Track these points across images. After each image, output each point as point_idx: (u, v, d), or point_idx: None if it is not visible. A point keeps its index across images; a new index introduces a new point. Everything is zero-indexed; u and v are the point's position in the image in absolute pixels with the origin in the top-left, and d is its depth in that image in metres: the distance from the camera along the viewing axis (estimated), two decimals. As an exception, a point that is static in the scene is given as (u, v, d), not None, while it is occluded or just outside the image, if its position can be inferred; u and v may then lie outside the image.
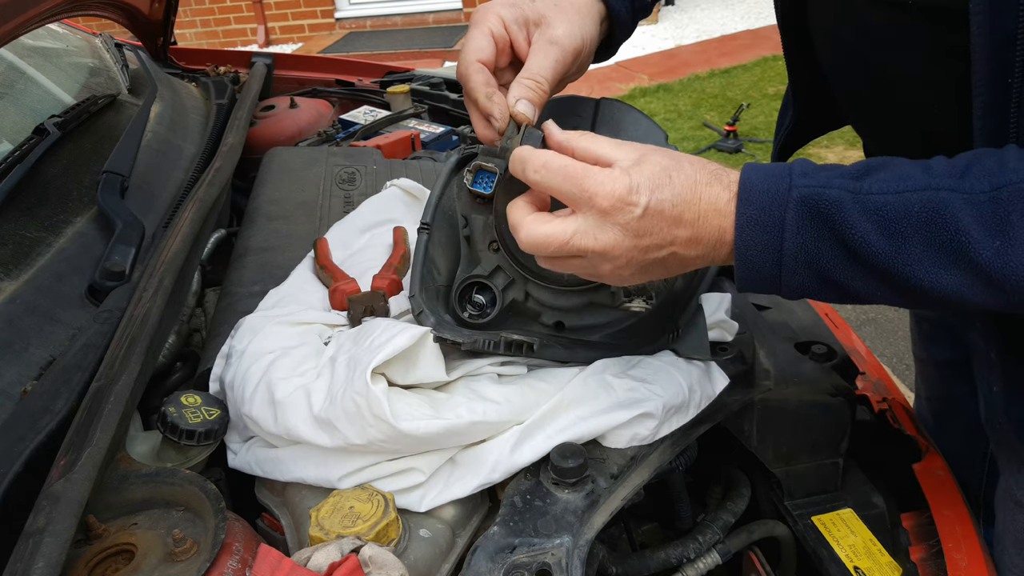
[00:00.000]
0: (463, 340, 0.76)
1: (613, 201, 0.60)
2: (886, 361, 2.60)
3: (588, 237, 0.61)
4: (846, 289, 0.60)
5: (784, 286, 0.61)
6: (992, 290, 0.56)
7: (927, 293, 0.57)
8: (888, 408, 0.96)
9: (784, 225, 0.58)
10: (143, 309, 0.85)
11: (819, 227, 0.58)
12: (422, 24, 6.84)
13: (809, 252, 0.59)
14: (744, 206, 0.59)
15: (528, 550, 0.66)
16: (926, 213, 0.55)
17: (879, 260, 0.57)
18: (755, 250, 0.60)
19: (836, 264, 0.59)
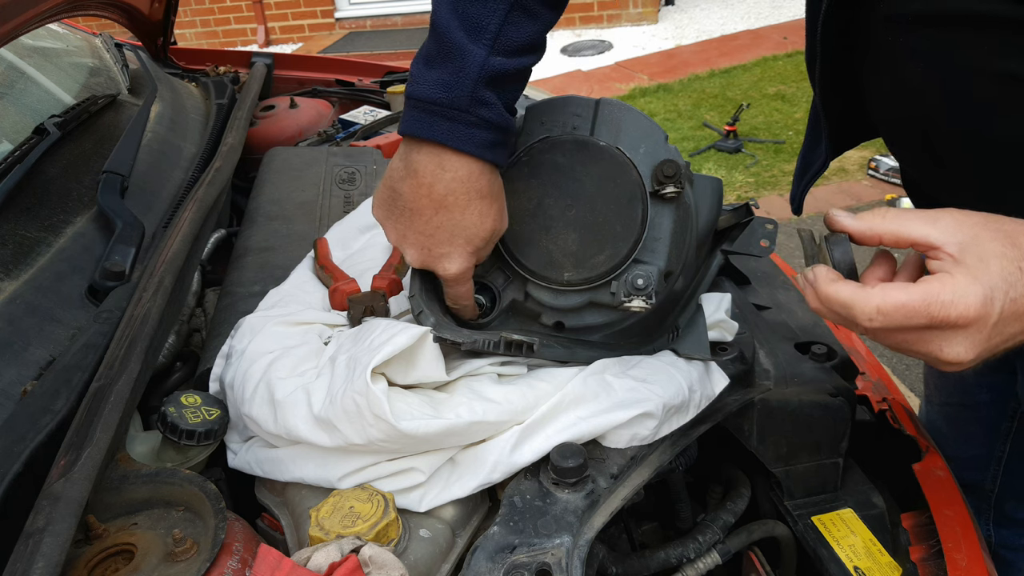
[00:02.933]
0: (463, 340, 0.76)
1: (970, 320, 0.56)
2: (886, 361, 2.60)
3: (935, 348, 0.58)
4: None
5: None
6: None
7: None
8: (888, 408, 0.96)
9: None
10: (143, 309, 0.85)
11: None
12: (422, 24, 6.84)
13: None
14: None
15: (528, 550, 0.66)
16: None
17: None
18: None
19: None
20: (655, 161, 0.78)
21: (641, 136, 0.79)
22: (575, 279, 0.78)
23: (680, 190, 0.77)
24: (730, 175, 3.96)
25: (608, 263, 0.77)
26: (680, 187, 0.77)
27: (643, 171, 0.78)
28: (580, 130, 0.80)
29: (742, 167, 4.01)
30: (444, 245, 0.72)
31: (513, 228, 0.78)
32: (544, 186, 0.79)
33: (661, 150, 0.79)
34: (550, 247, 0.78)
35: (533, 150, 0.80)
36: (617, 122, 0.80)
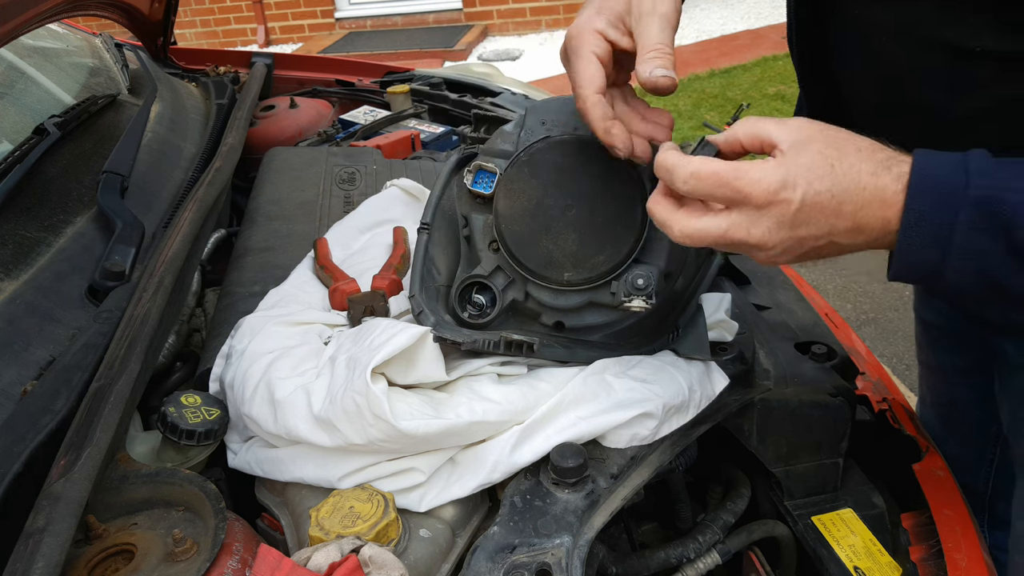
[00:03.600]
0: (463, 340, 0.76)
1: (768, 197, 0.59)
2: (886, 361, 2.60)
3: (742, 231, 0.61)
4: (1008, 294, 0.59)
5: (946, 279, 0.60)
6: None
7: None
8: (888, 408, 0.96)
9: (955, 225, 0.57)
10: (143, 309, 0.85)
11: (993, 232, 0.57)
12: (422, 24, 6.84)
13: (977, 255, 0.58)
14: (914, 201, 0.58)
15: (528, 550, 0.66)
16: None
17: None
18: (920, 245, 0.59)
19: (1004, 270, 0.57)
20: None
21: None
22: (575, 279, 0.78)
23: None
24: (730, 175, 3.95)
25: (608, 263, 0.77)
26: None
27: (643, 171, 0.78)
28: (581, 130, 0.80)
29: (742, 167, 4.01)
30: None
31: (513, 228, 0.78)
32: (544, 186, 0.79)
33: None
34: (550, 247, 0.78)
35: (533, 150, 0.80)
36: None
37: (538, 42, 6.35)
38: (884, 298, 2.87)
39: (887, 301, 2.85)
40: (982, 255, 0.58)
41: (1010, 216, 0.56)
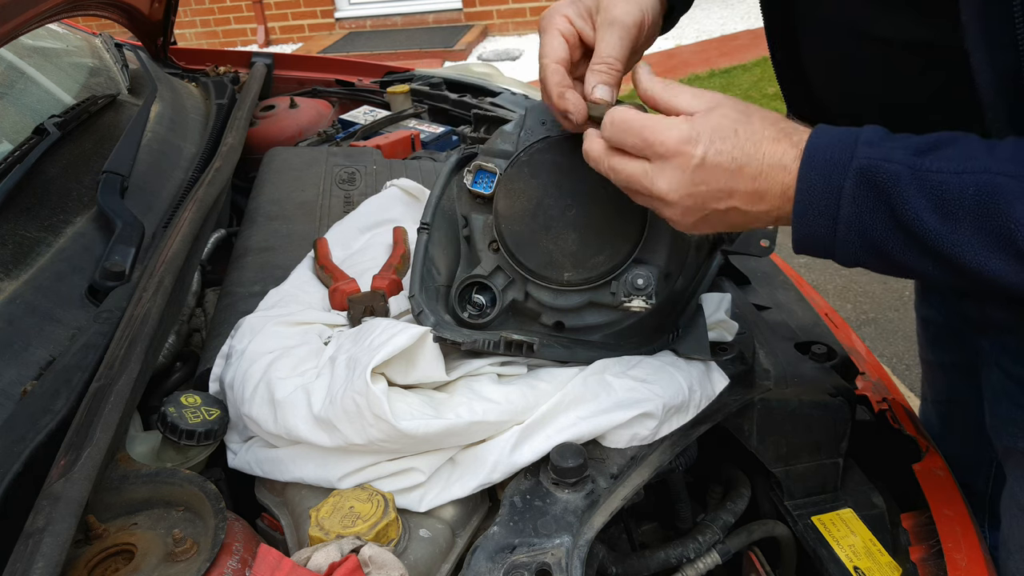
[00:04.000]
0: (463, 340, 0.76)
1: (671, 147, 0.62)
2: (886, 361, 2.60)
3: (647, 179, 0.64)
4: (897, 262, 0.60)
5: (838, 252, 0.62)
6: None
7: (973, 273, 0.57)
8: (888, 408, 0.96)
9: (842, 193, 0.59)
10: (143, 309, 0.85)
11: (875, 200, 0.58)
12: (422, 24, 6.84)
13: (863, 223, 0.59)
14: (806, 168, 0.60)
15: (528, 550, 0.66)
16: (981, 196, 0.55)
17: (930, 239, 0.57)
18: (813, 215, 0.61)
19: (888, 238, 0.59)
20: None
21: None
22: (575, 279, 0.78)
23: None
24: (730, 175, 3.95)
25: (608, 263, 0.77)
26: None
27: None
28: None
29: (742, 167, 4.01)
30: None
31: (513, 228, 0.78)
32: (544, 186, 0.79)
33: None
34: (550, 247, 0.78)
35: (533, 150, 0.80)
36: None
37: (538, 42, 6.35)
38: (884, 298, 2.87)
39: (887, 301, 2.85)
40: (868, 227, 0.59)
41: (890, 185, 0.57)
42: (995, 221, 0.55)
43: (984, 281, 0.58)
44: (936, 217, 0.57)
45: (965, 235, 0.56)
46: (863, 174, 0.59)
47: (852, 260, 0.62)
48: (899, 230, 0.59)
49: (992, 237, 0.56)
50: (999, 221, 0.55)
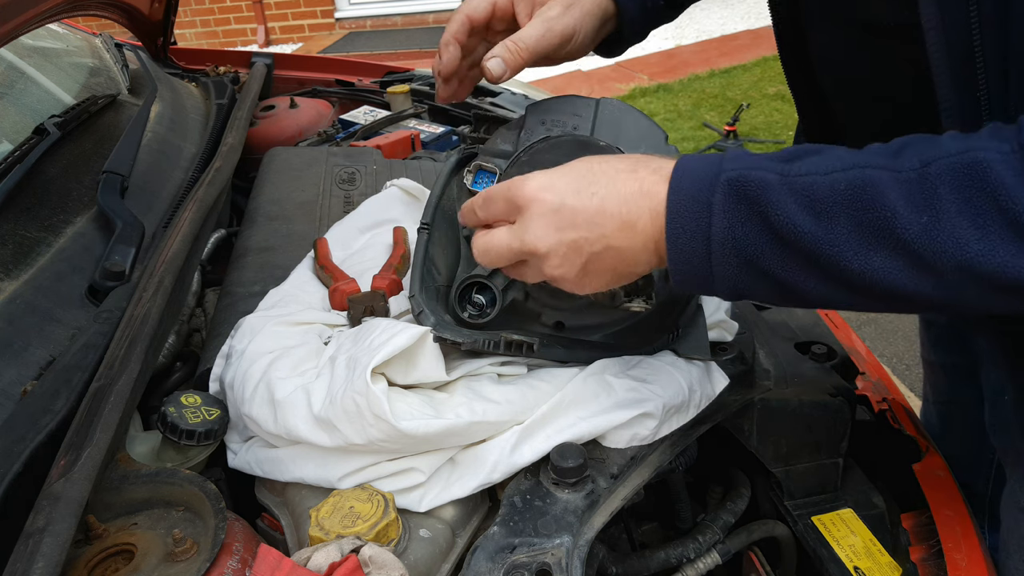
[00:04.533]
0: (463, 340, 0.76)
1: (529, 195, 0.63)
2: (886, 361, 2.60)
3: (517, 238, 0.64)
4: (778, 279, 0.57)
5: (716, 277, 0.59)
6: (923, 273, 0.53)
7: (858, 279, 0.55)
8: (888, 408, 0.96)
9: (712, 208, 0.57)
10: (143, 309, 0.85)
11: (746, 209, 0.56)
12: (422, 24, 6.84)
13: (737, 237, 0.57)
14: (674, 192, 0.59)
15: (528, 550, 0.66)
16: (853, 191, 0.54)
17: (806, 242, 0.55)
18: (685, 237, 0.58)
19: (764, 249, 0.56)
20: None
21: (641, 136, 0.80)
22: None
23: None
24: (730, 175, 3.95)
25: (608, 263, 0.77)
26: None
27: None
28: (580, 130, 0.80)
29: (742, 167, 4.01)
30: None
31: None
32: None
33: (661, 150, 0.79)
34: None
35: (533, 150, 0.80)
36: (617, 122, 0.80)
37: (538, 42, 6.34)
38: (884, 298, 2.87)
39: (887, 301, 2.85)
40: (743, 241, 0.57)
41: (760, 193, 0.56)
42: (870, 213, 0.53)
43: (868, 284, 0.55)
44: (810, 218, 0.54)
45: (842, 233, 0.54)
46: (731, 185, 0.57)
47: (732, 283, 0.59)
48: (775, 239, 0.56)
49: (869, 230, 0.53)
50: (874, 212, 0.53)
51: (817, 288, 0.57)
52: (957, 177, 0.51)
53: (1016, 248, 0.50)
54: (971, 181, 0.50)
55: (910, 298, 0.55)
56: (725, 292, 0.60)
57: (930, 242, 0.51)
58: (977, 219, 0.50)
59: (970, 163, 0.51)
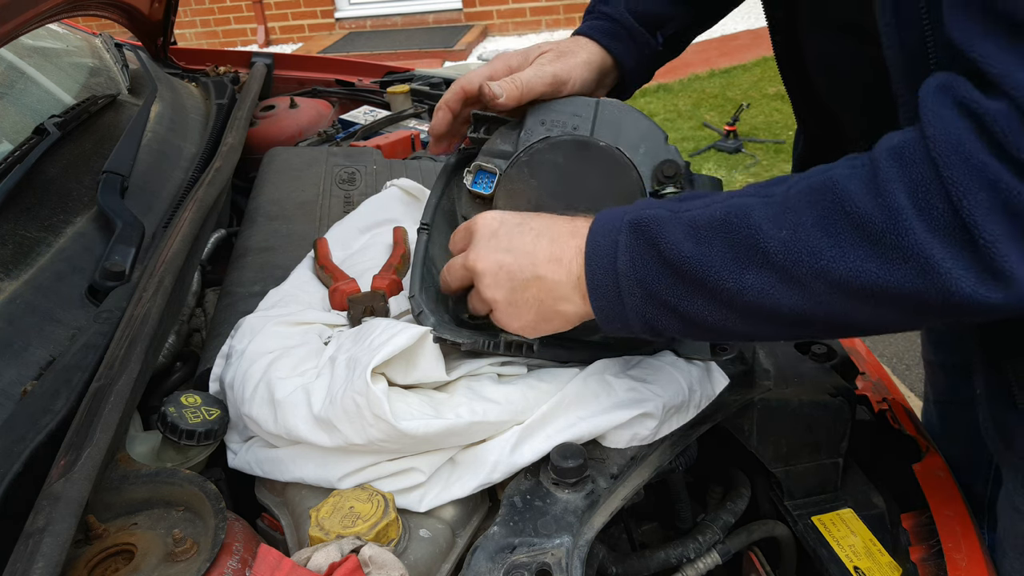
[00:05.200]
0: (462, 340, 0.76)
1: (480, 223, 0.72)
2: (886, 361, 2.60)
3: (465, 259, 0.72)
4: (677, 310, 0.62)
5: (628, 311, 0.64)
6: (791, 286, 0.56)
7: (738, 298, 0.59)
8: (888, 408, 0.96)
9: (618, 246, 0.63)
10: (143, 309, 0.85)
11: (643, 244, 0.62)
12: (422, 24, 6.84)
13: (638, 270, 0.62)
14: (592, 233, 0.66)
15: (528, 550, 0.66)
16: (726, 216, 0.59)
17: (690, 267, 0.59)
18: (600, 274, 0.64)
19: (661, 280, 0.61)
20: (655, 161, 0.78)
21: (641, 136, 0.80)
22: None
23: (680, 190, 0.77)
24: (730, 175, 3.96)
25: (608, 263, 0.77)
26: (680, 187, 0.77)
27: (643, 171, 0.78)
28: (581, 130, 0.80)
29: (742, 167, 4.01)
30: None
31: None
32: (544, 186, 0.79)
33: (661, 150, 0.79)
34: None
35: (533, 150, 0.80)
36: (617, 122, 0.80)
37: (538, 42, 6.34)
38: (884, 298, 2.87)
39: (887, 301, 2.85)
40: (643, 273, 0.62)
41: (655, 229, 0.61)
42: (740, 234, 0.58)
43: (752, 305, 0.58)
44: (692, 244, 0.59)
45: (718, 255, 0.58)
46: (632, 224, 0.63)
47: (642, 317, 0.64)
48: (667, 268, 0.61)
49: (741, 250, 0.58)
50: (744, 233, 0.57)
51: (712, 315, 0.61)
52: (813, 193, 0.56)
53: (864, 252, 0.53)
54: (823, 196, 0.55)
55: (786, 315, 0.58)
56: (639, 327, 0.65)
57: (791, 254, 0.56)
58: (828, 227, 0.54)
59: (824, 180, 0.56)
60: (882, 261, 0.53)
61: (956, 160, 0.50)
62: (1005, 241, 0.49)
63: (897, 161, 0.53)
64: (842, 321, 0.58)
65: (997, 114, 0.49)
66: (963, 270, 0.51)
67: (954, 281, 0.51)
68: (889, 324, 0.58)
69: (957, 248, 0.51)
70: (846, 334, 0.63)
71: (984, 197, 0.49)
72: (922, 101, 0.53)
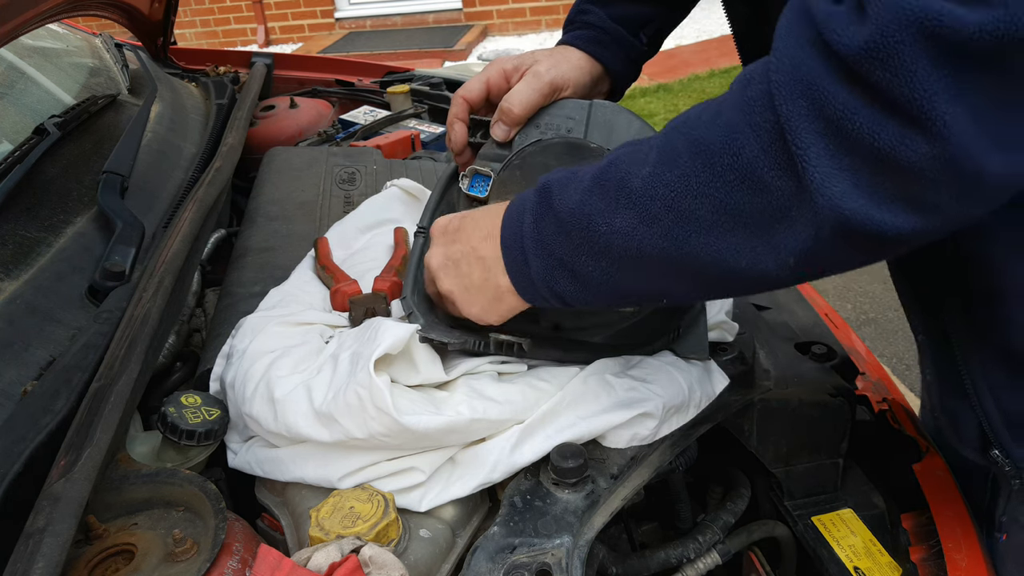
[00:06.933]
0: (450, 341, 0.77)
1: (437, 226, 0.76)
2: (886, 361, 2.60)
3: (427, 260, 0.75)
4: (571, 267, 0.63)
5: (533, 273, 0.65)
6: (651, 225, 0.56)
7: (612, 243, 0.59)
8: (888, 408, 0.96)
9: (525, 209, 0.66)
10: (143, 309, 0.85)
11: (544, 204, 0.64)
12: (422, 24, 6.84)
13: (540, 230, 0.64)
14: (511, 205, 0.68)
15: (528, 550, 0.66)
16: (608, 164, 0.61)
17: (572, 217, 0.61)
18: (510, 240, 0.66)
19: (554, 237, 0.63)
20: None
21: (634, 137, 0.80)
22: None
23: None
24: (730, 175, 3.95)
25: (607, 263, 0.77)
26: None
27: None
28: (574, 132, 0.80)
29: (742, 167, 4.01)
30: None
31: None
32: None
33: None
34: None
35: (525, 153, 0.80)
36: (610, 124, 0.80)
37: (538, 42, 6.35)
38: (884, 298, 2.87)
39: (887, 301, 2.85)
40: (544, 233, 0.64)
41: (552, 188, 0.64)
42: (614, 177, 0.59)
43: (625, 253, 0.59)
44: (577, 196, 0.61)
45: (595, 200, 0.60)
46: (541, 188, 0.65)
47: (545, 281, 0.65)
48: (558, 223, 0.62)
49: (611, 192, 0.59)
50: (616, 176, 0.59)
51: (596, 269, 0.61)
52: (672, 131, 0.57)
53: (706, 176, 0.53)
54: (678, 130, 0.56)
55: (654, 258, 0.58)
56: (546, 292, 0.66)
57: (648, 189, 0.56)
58: (677, 159, 0.55)
59: (682, 116, 0.58)
60: (722, 184, 0.52)
61: (786, 66, 0.48)
62: (817, 152, 0.47)
63: (742, 83, 0.52)
64: (699, 260, 0.56)
65: (836, 14, 0.46)
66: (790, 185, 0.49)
67: (783, 198, 0.50)
68: (743, 262, 0.55)
69: (782, 163, 0.49)
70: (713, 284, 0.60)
71: (803, 104, 0.47)
72: (780, 20, 0.51)
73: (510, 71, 0.85)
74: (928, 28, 0.42)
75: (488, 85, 0.85)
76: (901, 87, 0.43)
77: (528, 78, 0.82)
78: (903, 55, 0.43)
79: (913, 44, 0.43)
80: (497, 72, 0.86)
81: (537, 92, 0.82)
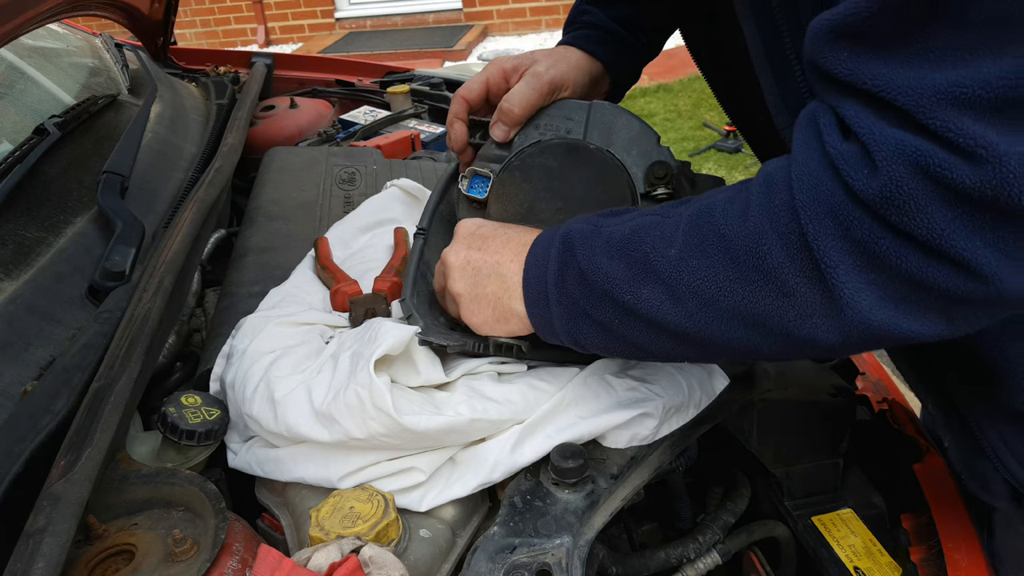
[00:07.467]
0: (448, 343, 0.77)
1: (461, 226, 0.76)
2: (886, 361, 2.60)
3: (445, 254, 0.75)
4: (596, 320, 0.64)
5: (556, 320, 0.66)
6: (676, 304, 0.58)
7: (637, 311, 0.60)
8: (888, 408, 0.96)
9: (550, 256, 0.67)
10: (143, 309, 0.85)
11: (569, 255, 0.65)
12: (422, 24, 6.84)
13: (564, 281, 0.65)
14: (534, 245, 0.69)
15: (528, 550, 0.66)
16: (631, 234, 0.61)
17: (598, 279, 0.62)
18: (533, 282, 0.68)
19: (579, 290, 0.64)
20: (648, 163, 0.78)
21: (633, 138, 0.80)
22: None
23: (672, 192, 0.77)
24: (730, 175, 3.96)
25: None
26: (672, 188, 0.77)
27: (635, 173, 0.78)
28: (573, 133, 0.80)
29: (742, 167, 4.01)
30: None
31: None
32: (535, 190, 0.80)
33: (653, 152, 0.79)
34: None
35: (524, 154, 0.81)
36: (609, 125, 0.80)
37: (538, 42, 6.35)
38: (884, 298, 2.87)
39: (887, 301, 2.84)
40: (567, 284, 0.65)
41: (578, 242, 0.64)
42: (639, 251, 0.60)
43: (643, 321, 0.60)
44: (604, 258, 0.62)
45: (621, 269, 0.61)
46: (563, 237, 0.66)
47: (568, 327, 0.66)
48: (583, 279, 0.63)
49: (638, 266, 0.60)
50: (642, 251, 0.60)
51: (622, 326, 0.63)
52: (699, 216, 0.58)
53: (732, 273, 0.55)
54: (705, 218, 0.57)
55: (676, 331, 0.60)
56: (565, 336, 0.67)
57: (675, 273, 0.58)
58: (705, 249, 0.56)
59: (709, 203, 0.58)
60: (746, 283, 0.54)
61: (807, 185, 0.50)
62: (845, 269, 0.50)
63: (766, 186, 0.54)
64: (720, 342, 0.59)
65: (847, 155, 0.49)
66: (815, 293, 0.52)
67: (808, 306, 0.52)
68: (763, 349, 0.58)
69: (808, 273, 0.51)
70: (732, 356, 0.65)
71: (829, 224, 0.50)
72: (795, 130, 0.54)
73: (509, 71, 0.85)
74: (935, 176, 0.44)
75: (487, 85, 0.86)
76: (920, 228, 0.46)
77: (527, 78, 0.82)
78: (917, 201, 0.45)
79: (925, 190, 0.45)
80: (496, 72, 0.86)
81: (536, 92, 0.82)
